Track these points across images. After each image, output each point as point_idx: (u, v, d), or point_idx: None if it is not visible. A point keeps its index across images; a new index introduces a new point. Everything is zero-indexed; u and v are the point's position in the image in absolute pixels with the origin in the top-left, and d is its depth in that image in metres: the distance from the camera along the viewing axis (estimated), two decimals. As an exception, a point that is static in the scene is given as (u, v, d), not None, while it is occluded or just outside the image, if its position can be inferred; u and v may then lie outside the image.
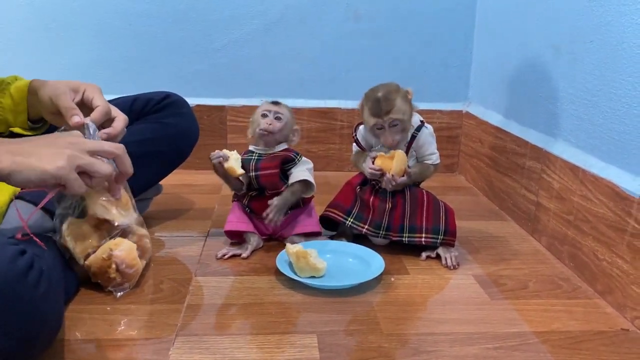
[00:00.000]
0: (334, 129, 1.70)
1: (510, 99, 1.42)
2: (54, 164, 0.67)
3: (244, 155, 1.09)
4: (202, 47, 1.62)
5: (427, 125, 1.09)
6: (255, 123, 1.07)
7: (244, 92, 1.66)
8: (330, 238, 1.12)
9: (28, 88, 0.89)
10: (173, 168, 1.21)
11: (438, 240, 1.05)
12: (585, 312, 0.90)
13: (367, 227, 1.07)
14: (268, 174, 1.06)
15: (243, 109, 1.65)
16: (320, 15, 1.62)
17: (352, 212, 1.09)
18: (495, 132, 1.45)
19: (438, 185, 1.50)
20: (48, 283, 0.65)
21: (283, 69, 1.66)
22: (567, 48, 1.12)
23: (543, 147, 1.18)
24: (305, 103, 1.67)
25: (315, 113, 1.68)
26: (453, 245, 1.07)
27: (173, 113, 1.16)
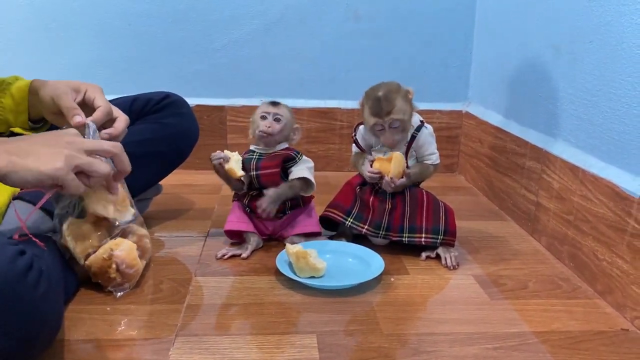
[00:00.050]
0: (334, 129, 1.70)
1: (510, 99, 1.42)
2: (51, 165, 0.67)
3: (245, 155, 1.09)
4: (202, 47, 1.62)
5: (427, 125, 1.09)
6: (255, 124, 1.07)
7: (244, 92, 1.66)
8: (330, 238, 1.12)
9: (29, 88, 0.89)
10: (173, 168, 1.21)
11: (438, 241, 1.05)
12: (585, 312, 0.90)
13: (367, 227, 1.07)
14: (269, 173, 1.06)
15: (243, 109, 1.65)
16: (320, 15, 1.62)
17: (352, 212, 1.09)
18: (495, 132, 1.45)
19: (438, 185, 1.50)
20: (48, 283, 0.65)
21: (283, 69, 1.66)
22: (567, 48, 1.12)
23: (543, 147, 1.18)
24: (305, 103, 1.67)
25: (315, 113, 1.68)
26: (453, 246, 1.07)
27: (173, 113, 1.16)
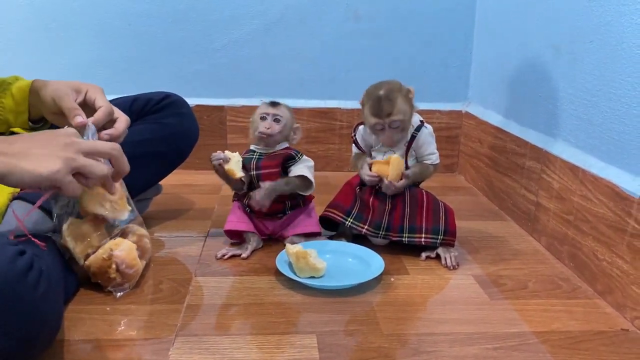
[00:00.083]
0: (334, 129, 1.70)
1: (510, 99, 1.42)
2: (48, 168, 0.66)
3: (245, 155, 1.09)
4: (202, 47, 1.62)
5: (426, 125, 1.09)
6: (255, 125, 1.08)
7: (244, 92, 1.66)
8: (330, 238, 1.12)
9: (30, 88, 0.89)
10: (173, 168, 1.21)
11: (438, 241, 1.05)
12: (585, 312, 0.90)
13: (366, 227, 1.07)
14: (269, 173, 1.05)
15: (243, 109, 1.65)
16: (320, 15, 1.62)
17: (351, 212, 1.09)
18: (495, 132, 1.45)
19: (438, 185, 1.50)
20: (47, 283, 0.65)
21: (283, 69, 1.66)
22: (567, 48, 1.12)
23: (543, 147, 1.18)
24: (305, 103, 1.67)
25: (315, 113, 1.68)
26: (453, 246, 1.07)
27: (173, 113, 1.16)
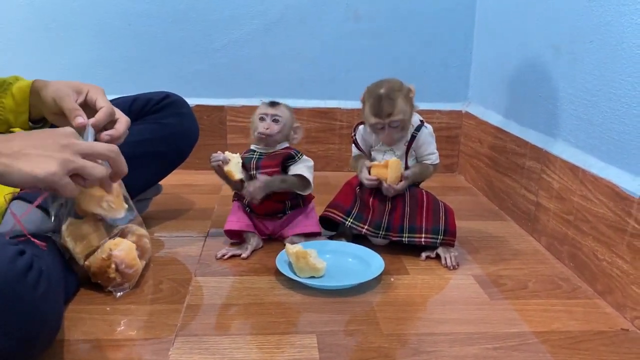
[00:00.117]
0: (334, 129, 1.70)
1: (510, 99, 1.42)
2: (45, 170, 0.65)
3: (245, 154, 1.09)
4: (202, 47, 1.62)
5: (426, 125, 1.09)
6: (254, 125, 1.08)
7: (244, 92, 1.66)
8: (330, 238, 1.12)
9: (30, 89, 0.88)
10: (173, 168, 1.21)
11: (438, 241, 1.05)
12: (585, 312, 0.90)
13: (366, 227, 1.07)
14: (269, 173, 1.05)
15: (243, 109, 1.65)
16: (320, 15, 1.62)
17: (351, 212, 1.09)
18: (495, 132, 1.45)
19: (438, 185, 1.50)
20: (47, 283, 0.65)
21: (283, 69, 1.66)
22: (567, 48, 1.12)
23: (543, 147, 1.18)
24: (305, 103, 1.67)
25: (315, 113, 1.68)
26: (453, 246, 1.07)
27: (173, 113, 1.16)
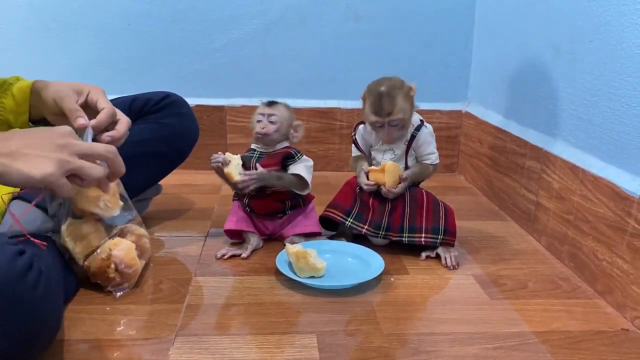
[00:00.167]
0: (334, 129, 1.70)
1: (510, 99, 1.42)
2: (42, 171, 0.64)
3: (245, 153, 1.09)
4: (202, 47, 1.62)
5: (426, 125, 1.09)
6: (253, 125, 1.08)
7: (244, 92, 1.66)
8: (330, 238, 1.12)
9: (31, 89, 0.88)
10: (173, 168, 1.20)
11: (438, 240, 1.05)
12: (585, 312, 0.90)
13: (366, 227, 1.07)
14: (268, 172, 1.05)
15: (243, 109, 1.65)
16: (320, 15, 1.62)
17: (351, 212, 1.09)
18: (495, 132, 1.45)
19: (438, 185, 1.50)
20: (47, 283, 0.65)
21: (283, 69, 1.66)
22: (567, 48, 1.12)
23: (543, 147, 1.18)
24: (305, 103, 1.67)
25: (315, 113, 1.68)
26: (453, 245, 1.07)
27: (172, 113, 1.16)
